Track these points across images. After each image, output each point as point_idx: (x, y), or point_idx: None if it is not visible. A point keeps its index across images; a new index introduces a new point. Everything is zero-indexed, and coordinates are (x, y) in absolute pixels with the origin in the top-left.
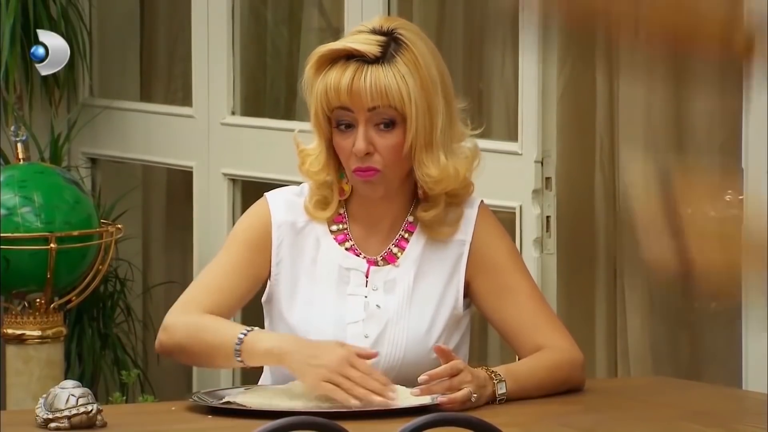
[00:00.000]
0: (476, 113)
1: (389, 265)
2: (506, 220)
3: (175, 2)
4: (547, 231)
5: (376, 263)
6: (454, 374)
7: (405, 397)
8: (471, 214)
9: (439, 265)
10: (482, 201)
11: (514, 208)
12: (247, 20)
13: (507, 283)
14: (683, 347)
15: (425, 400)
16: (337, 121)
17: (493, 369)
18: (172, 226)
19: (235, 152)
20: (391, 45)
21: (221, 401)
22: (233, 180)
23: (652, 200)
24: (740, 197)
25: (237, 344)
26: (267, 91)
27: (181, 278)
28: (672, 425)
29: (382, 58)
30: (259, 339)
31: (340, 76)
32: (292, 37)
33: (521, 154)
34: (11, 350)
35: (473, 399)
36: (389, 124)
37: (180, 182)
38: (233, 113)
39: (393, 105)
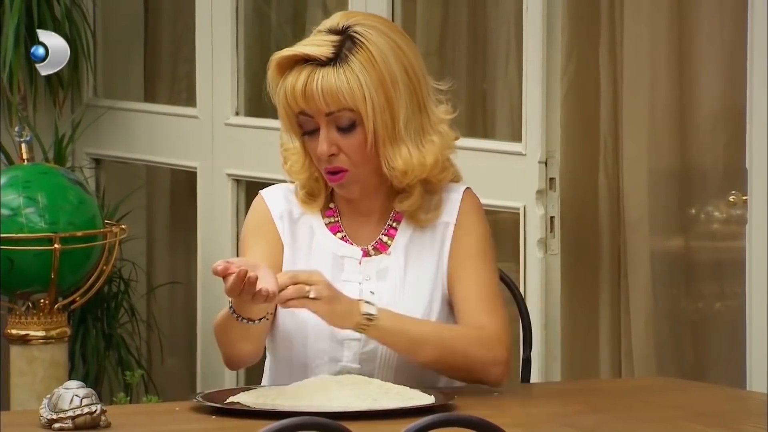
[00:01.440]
0: (480, 114)
1: (381, 254)
2: (510, 220)
3: (179, 3)
4: (551, 231)
5: (368, 253)
6: (294, 282)
7: (409, 398)
8: (456, 197)
9: (429, 249)
10: (469, 187)
11: (518, 209)
12: (251, 21)
13: (465, 266)
14: (687, 348)
15: (429, 400)
16: (304, 129)
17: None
18: (176, 227)
19: (239, 153)
20: (345, 44)
21: (225, 402)
22: (237, 180)
23: (656, 200)
24: (744, 197)
25: (230, 304)
26: None
27: (185, 279)
28: (676, 426)
29: (335, 59)
30: None
31: (294, 81)
32: (296, 37)
33: (525, 155)
34: (15, 351)
35: (310, 294)
36: (350, 126)
37: (184, 183)
38: (237, 114)
39: (348, 107)
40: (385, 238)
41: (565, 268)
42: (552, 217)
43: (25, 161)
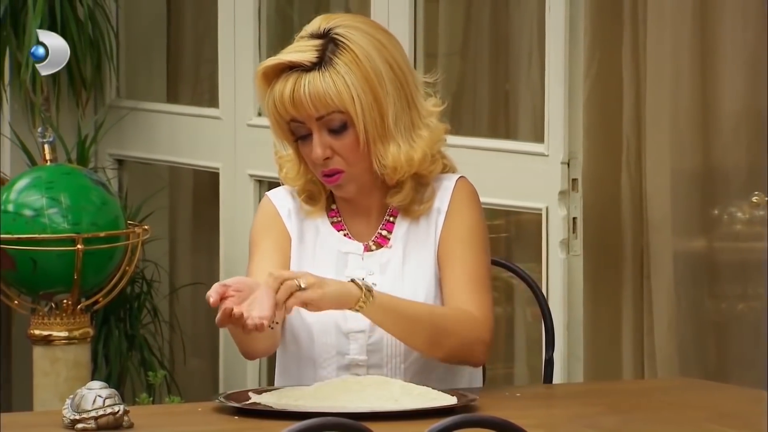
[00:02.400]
0: (502, 115)
1: (382, 248)
2: (533, 221)
3: (202, 3)
4: (573, 232)
5: (369, 248)
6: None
7: (431, 398)
8: (449, 185)
9: (424, 238)
10: (463, 176)
11: (541, 210)
12: (274, 22)
13: (453, 250)
14: (710, 349)
15: (451, 401)
16: (296, 135)
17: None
18: (198, 228)
19: (261, 153)
20: (328, 47)
21: (248, 402)
22: (259, 181)
23: (679, 201)
24: (767, 198)
25: None
26: None
27: (208, 279)
28: (699, 427)
29: (320, 63)
30: None
31: (282, 89)
32: None
33: (548, 156)
34: (38, 351)
35: (301, 284)
36: (341, 128)
37: (206, 183)
38: (259, 115)
39: (337, 109)
40: (384, 232)
41: (587, 269)
42: (574, 218)
43: (48, 162)
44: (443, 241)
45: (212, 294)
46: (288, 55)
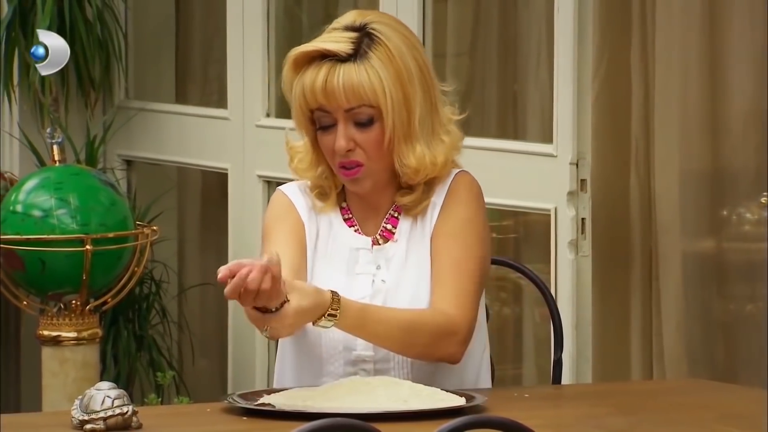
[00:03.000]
0: (511, 115)
1: (389, 242)
2: (541, 222)
3: (211, 4)
4: (582, 233)
5: (376, 242)
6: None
7: (440, 399)
8: (447, 180)
9: (422, 233)
10: (462, 170)
11: (549, 210)
12: (282, 22)
13: (443, 244)
14: (719, 350)
15: (460, 402)
16: (319, 124)
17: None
18: (207, 228)
19: (269, 154)
20: (363, 41)
21: (256, 403)
22: (268, 182)
23: (687, 202)
24: None
25: None
26: None
27: (216, 280)
28: (707, 428)
29: (355, 55)
30: None
31: (314, 77)
32: None
33: (556, 156)
34: (47, 352)
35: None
36: (368, 122)
37: (215, 184)
38: (268, 115)
39: (368, 103)
40: (389, 227)
41: (596, 270)
42: (583, 219)
43: (57, 163)
44: (434, 236)
45: (223, 269)
46: (323, 43)
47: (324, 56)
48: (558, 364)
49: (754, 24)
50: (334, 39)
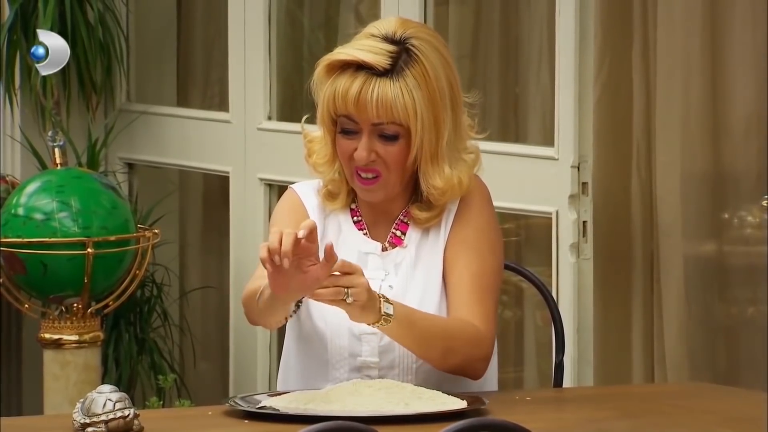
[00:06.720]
0: (512, 118)
1: (397, 248)
2: (542, 225)
3: (212, 7)
4: (583, 236)
5: (385, 248)
6: (345, 272)
7: (441, 402)
8: None
9: (435, 239)
10: (476, 175)
11: (551, 214)
12: (284, 25)
13: (459, 255)
14: (720, 353)
15: (461, 405)
16: (342, 128)
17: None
18: (208, 231)
19: (271, 157)
20: (401, 56)
21: (257, 406)
22: (270, 185)
23: (689, 205)
24: None
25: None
26: (303, 96)
27: (218, 283)
28: (709, 431)
29: (392, 70)
30: None
31: (348, 86)
32: (329, 42)
33: (558, 159)
34: (49, 355)
35: (348, 300)
36: (393, 138)
37: (217, 187)
38: (270, 118)
39: (398, 121)
40: (398, 233)
41: (597, 273)
42: (584, 222)
43: (59, 166)
44: (450, 244)
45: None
46: (360, 53)
47: (360, 66)
48: (559, 367)
49: (756, 27)
50: (372, 50)
